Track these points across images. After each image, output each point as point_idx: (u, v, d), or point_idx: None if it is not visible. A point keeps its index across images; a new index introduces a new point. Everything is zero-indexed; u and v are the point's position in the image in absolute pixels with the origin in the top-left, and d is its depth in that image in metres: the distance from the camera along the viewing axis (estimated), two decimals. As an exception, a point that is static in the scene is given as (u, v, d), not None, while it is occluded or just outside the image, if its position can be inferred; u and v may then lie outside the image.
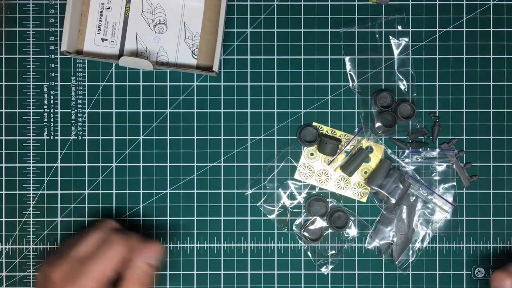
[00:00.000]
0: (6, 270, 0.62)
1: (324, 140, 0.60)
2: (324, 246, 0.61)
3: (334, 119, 0.62)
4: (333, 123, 0.62)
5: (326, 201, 0.61)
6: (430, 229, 0.61)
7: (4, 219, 0.62)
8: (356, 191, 0.61)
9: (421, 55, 0.62)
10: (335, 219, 0.61)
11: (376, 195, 0.61)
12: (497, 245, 0.62)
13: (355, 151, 0.61)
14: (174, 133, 0.62)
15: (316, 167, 0.61)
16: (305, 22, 0.62)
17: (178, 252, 0.62)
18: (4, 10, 0.62)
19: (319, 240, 0.61)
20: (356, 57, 0.62)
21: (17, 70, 0.62)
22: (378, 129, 0.60)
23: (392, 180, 0.59)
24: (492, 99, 0.62)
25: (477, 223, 0.62)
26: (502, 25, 0.62)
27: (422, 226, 0.61)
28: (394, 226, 0.60)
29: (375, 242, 0.61)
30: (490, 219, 0.62)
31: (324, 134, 0.61)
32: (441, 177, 0.61)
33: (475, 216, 0.62)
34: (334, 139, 0.60)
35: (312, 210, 0.61)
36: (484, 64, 0.62)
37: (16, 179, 0.62)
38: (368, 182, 0.60)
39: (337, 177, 0.61)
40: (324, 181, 0.61)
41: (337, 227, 0.61)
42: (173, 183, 0.62)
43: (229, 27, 0.62)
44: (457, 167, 0.61)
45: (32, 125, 0.62)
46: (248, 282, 0.62)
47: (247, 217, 0.62)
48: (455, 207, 0.61)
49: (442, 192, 0.61)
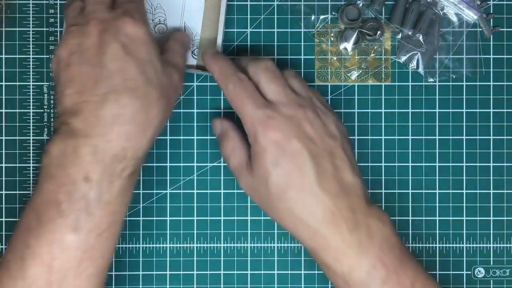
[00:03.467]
0: (6, 270, 0.62)
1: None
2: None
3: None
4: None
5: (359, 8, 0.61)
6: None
7: (4, 219, 0.62)
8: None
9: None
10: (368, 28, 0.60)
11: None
12: (497, 245, 0.62)
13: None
14: (174, 133, 0.62)
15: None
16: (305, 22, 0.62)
17: (178, 252, 0.62)
18: (4, 10, 0.62)
19: (357, 21, 0.60)
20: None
21: (17, 70, 0.62)
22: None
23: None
24: (492, 99, 0.62)
25: (477, 223, 0.62)
26: (502, 25, 0.62)
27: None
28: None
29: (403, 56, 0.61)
30: (490, 219, 0.62)
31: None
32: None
33: (475, 216, 0.62)
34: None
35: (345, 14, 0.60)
36: (484, 64, 0.62)
37: (16, 179, 0.62)
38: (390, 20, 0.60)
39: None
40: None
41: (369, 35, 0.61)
42: (173, 183, 0.62)
43: (229, 27, 0.62)
44: (480, 18, 0.60)
45: (32, 125, 0.62)
46: (248, 282, 0.62)
47: (247, 217, 0.62)
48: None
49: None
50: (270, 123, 0.51)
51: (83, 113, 0.48)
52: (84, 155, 0.47)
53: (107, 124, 0.47)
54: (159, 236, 0.62)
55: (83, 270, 0.48)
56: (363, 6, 0.62)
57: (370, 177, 0.62)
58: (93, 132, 0.47)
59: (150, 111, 0.49)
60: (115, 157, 0.48)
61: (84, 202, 0.47)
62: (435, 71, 0.62)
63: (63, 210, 0.47)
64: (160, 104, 0.50)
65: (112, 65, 0.49)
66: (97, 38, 0.49)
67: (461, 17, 0.62)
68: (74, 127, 0.47)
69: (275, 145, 0.51)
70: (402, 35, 0.62)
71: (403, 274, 0.51)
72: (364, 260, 0.50)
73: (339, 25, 0.62)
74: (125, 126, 0.48)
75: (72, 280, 0.48)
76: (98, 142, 0.47)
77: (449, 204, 0.62)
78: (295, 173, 0.51)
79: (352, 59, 0.62)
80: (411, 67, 0.62)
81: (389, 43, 0.62)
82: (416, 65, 0.62)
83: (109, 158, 0.47)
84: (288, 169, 0.51)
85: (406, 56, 0.62)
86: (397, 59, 0.62)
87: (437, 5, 0.61)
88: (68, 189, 0.47)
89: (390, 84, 0.62)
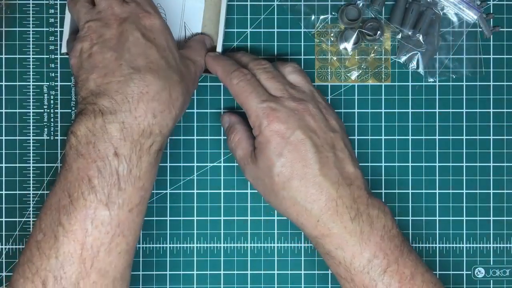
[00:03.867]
0: (6, 270, 0.62)
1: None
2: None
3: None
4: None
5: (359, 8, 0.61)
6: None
7: (4, 219, 0.62)
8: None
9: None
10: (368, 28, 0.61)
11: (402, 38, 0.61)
12: (497, 245, 0.62)
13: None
14: (174, 133, 0.62)
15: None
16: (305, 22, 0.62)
17: (178, 252, 0.62)
18: (4, 10, 0.62)
19: (357, 21, 0.60)
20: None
21: (17, 70, 0.62)
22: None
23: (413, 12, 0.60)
24: (492, 99, 0.62)
25: (477, 223, 0.62)
26: (502, 25, 0.62)
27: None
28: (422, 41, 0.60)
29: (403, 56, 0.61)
30: (490, 219, 0.62)
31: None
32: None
33: (475, 216, 0.62)
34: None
35: (345, 14, 0.60)
36: (484, 64, 0.62)
37: (16, 179, 0.62)
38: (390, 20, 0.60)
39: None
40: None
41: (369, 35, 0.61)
42: (173, 183, 0.62)
43: (229, 27, 0.62)
44: (480, 18, 0.60)
45: (32, 125, 0.62)
46: (248, 282, 0.62)
47: (247, 217, 0.62)
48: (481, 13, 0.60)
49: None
50: (274, 115, 0.53)
51: (109, 92, 0.49)
52: (113, 131, 0.48)
53: (133, 101, 0.49)
54: (159, 236, 0.62)
55: (115, 246, 0.48)
56: (363, 6, 0.62)
57: (370, 177, 0.62)
58: (120, 109, 0.49)
59: (172, 91, 0.51)
60: (143, 133, 0.49)
61: (115, 177, 0.48)
62: (435, 71, 0.62)
63: (94, 185, 0.47)
64: (181, 87, 0.52)
65: (135, 50, 0.51)
66: (117, 29, 0.51)
67: (461, 17, 0.62)
68: (101, 106, 0.49)
69: (279, 136, 0.53)
70: (402, 35, 0.62)
71: (403, 264, 0.52)
72: (366, 248, 0.52)
73: (339, 25, 0.62)
74: (151, 103, 0.49)
75: (104, 257, 0.48)
76: (125, 119, 0.48)
77: (449, 204, 0.62)
78: (299, 163, 0.52)
79: (352, 59, 0.62)
80: (411, 67, 0.62)
81: (389, 43, 0.62)
82: (416, 65, 0.62)
83: (137, 134, 0.49)
84: (292, 159, 0.52)
85: (406, 56, 0.62)
86: (397, 59, 0.62)
87: (437, 5, 0.61)
88: (98, 165, 0.48)
89: (390, 84, 0.62)
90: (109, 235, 0.48)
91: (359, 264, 0.52)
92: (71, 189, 0.48)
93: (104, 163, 0.48)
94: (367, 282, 0.52)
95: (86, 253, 0.47)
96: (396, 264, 0.52)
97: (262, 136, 0.53)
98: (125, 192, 0.48)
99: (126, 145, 0.48)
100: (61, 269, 0.47)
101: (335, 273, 0.54)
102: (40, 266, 0.47)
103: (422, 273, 0.53)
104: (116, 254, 0.49)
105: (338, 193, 0.52)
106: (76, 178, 0.48)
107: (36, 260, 0.48)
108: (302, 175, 0.52)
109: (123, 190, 0.48)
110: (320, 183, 0.52)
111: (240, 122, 0.59)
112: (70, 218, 0.47)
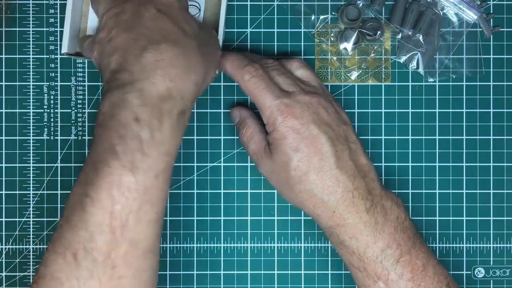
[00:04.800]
0: (6, 270, 0.62)
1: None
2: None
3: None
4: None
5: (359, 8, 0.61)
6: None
7: (4, 219, 0.62)
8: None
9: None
10: (368, 28, 0.61)
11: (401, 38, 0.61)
12: (497, 245, 0.62)
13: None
14: (174, 133, 0.62)
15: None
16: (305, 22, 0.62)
17: (178, 252, 0.62)
18: (4, 10, 0.62)
19: (357, 21, 0.61)
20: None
21: (17, 70, 0.62)
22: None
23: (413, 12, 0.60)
24: (492, 99, 0.62)
25: (477, 223, 0.62)
26: (502, 25, 0.62)
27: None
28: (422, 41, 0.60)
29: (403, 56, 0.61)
30: (490, 219, 0.62)
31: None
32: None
33: (475, 216, 0.62)
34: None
35: (345, 14, 0.61)
36: (484, 64, 0.62)
37: (16, 179, 0.62)
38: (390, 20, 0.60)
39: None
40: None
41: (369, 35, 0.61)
42: (173, 183, 0.62)
43: (229, 27, 0.62)
44: (480, 18, 0.61)
45: (32, 125, 0.62)
46: (248, 282, 0.62)
47: (247, 217, 0.62)
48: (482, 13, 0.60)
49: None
50: (289, 111, 0.54)
51: (128, 66, 0.49)
52: (132, 99, 0.48)
53: (150, 69, 0.49)
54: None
55: (143, 215, 0.48)
56: (363, 6, 0.62)
57: (370, 177, 0.62)
58: (137, 78, 0.49)
59: (190, 57, 0.51)
60: (161, 97, 0.49)
61: (137, 142, 0.47)
62: (435, 71, 0.62)
63: (118, 152, 0.47)
64: (201, 54, 0.52)
65: (150, 24, 0.51)
66: (133, 9, 0.52)
67: (461, 17, 0.62)
68: (121, 80, 0.49)
69: (294, 132, 0.54)
70: (402, 35, 0.62)
71: (416, 255, 0.53)
72: (380, 238, 0.53)
73: (339, 25, 0.62)
74: (167, 68, 0.49)
75: (133, 226, 0.47)
76: (143, 86, 0.48)
77: (449, 204, 0.62)
78: (315, 156, 0.53)
79: (352, 59, 0.62)
80: (411, 67, 0.62)
81: (389, 43, 0.62)
82: (416, 65, 0.62)
83: (156, 98, 0.49)
84: (309, 153, 0.53)
85: (406, 56, 0.62)
86: (397, 59, 0.62)
87: (437, 5, 0.61)
88: (120, 133, 0.47)
89: (390, 84, 0.62)
90: (137, 202, 0.47)
91: (373, 253, 0.53)
92: (96, 161, 0.47)
93: (126, 129, 0.47)
94: (379, 271, 0.53)
95: (115, 222, 0.46)
96: (408, 255, 0.53)
97: (277, 132, 0.54)
98: (150, 157, 0.48)
99: (146, 110, 0.48)
100: (91, 240, 0.46)
101: (348, 263, 0.55)
102: (70, 239, 0.47)
103: (434, 265, 0.54)
104: (145, 223, 0.48)
105: (354, 185, 0.54)
106: (100, 150, 0.48)
107: (67, 234, 0.47)
108: (319, 168, 0.53)
109: (147, 155, 0.48)
110: (337, 175, 0.53)
111: (250, 116, 0.59)
112: (96, 187, 0.47)
